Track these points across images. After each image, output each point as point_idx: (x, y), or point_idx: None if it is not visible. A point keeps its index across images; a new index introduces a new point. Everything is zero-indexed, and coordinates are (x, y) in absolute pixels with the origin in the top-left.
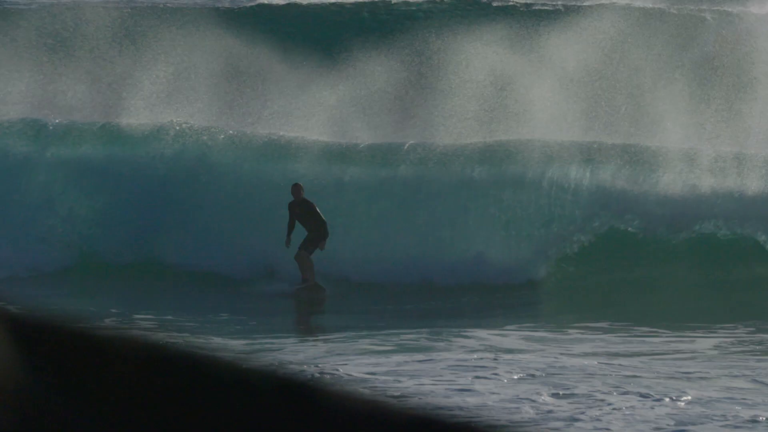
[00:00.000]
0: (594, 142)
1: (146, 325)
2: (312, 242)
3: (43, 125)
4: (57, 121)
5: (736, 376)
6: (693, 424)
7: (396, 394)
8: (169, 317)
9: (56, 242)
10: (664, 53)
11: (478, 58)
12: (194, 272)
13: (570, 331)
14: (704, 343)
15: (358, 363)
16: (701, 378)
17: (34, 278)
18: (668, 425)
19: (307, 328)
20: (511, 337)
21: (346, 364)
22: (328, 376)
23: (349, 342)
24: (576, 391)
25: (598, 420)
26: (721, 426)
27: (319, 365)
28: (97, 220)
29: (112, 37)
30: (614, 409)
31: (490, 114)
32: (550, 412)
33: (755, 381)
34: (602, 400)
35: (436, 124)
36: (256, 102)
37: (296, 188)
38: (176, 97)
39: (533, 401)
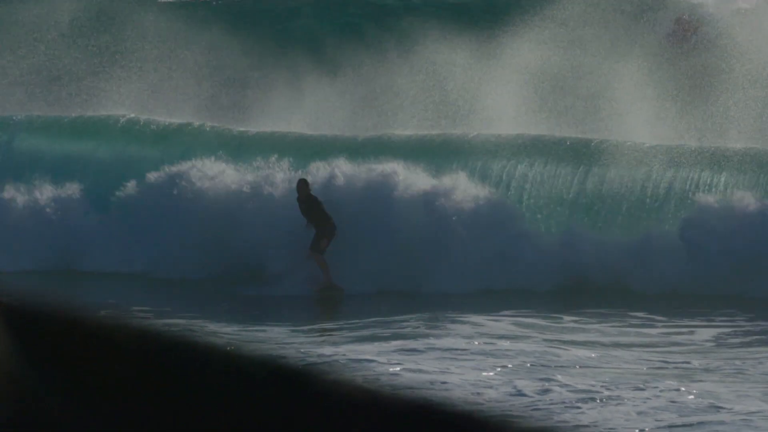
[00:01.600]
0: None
1: (143, 315)
2: (320, 241)
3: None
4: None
5: (734, 368)
6: (695, 415)
7: (389, 381)
8: (167, 309)
9: (48, 243)
10: (621, 36)
11: (431, 46)
12: (191, 277)
13: (565, 318)
14: (703, 333)
15: (352, 350)
16: (701, 370)
17: (18, 275)
18: (670, 417)
19: (305, 317)
20: (505, 322)
21: (340, 352)
22: (322, 364)
23: (344, 329)
24: (574, 383)
25: (590, 411)
26: (722, 418)
27: (313, 352)
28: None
29: (80, 27)
30: (615, 401)
31: (438, 106)
32: (547, 403)
33: (754, 372)
34: (599, 392)
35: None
36: (233, 96)
37: (300, 184)
38: (153, 92)
39: (528, 392)
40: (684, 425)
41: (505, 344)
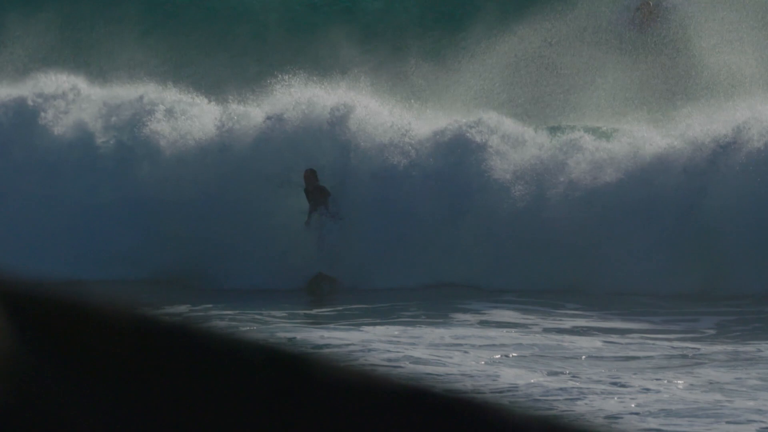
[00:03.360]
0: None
1: (142, 297)
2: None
3: None
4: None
5: (738, 355)
6: (698, 403)
7: (388, 369)
8: (163, 303)
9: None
10: (586, 26)
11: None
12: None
13: (567, 306)
14: (706, 321)
15: (351, 337)
16: (704, 357)
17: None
18: (673, 405)
19: (302, 305)
20: (507, 310)
21: (338, 339)
22: (320, 351)
23: (342, 317)
24: (576, 371)
25: (592, 399)
26: (726, 405)
27: (312, 338)
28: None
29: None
30: (617, 389)
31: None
32: (548, 392)
33: (758, 359)
34: (602, 380)
35: None
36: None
37: (307, 174)
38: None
39: (530, 380)
40: (687, 411)
41: (507, 332)
